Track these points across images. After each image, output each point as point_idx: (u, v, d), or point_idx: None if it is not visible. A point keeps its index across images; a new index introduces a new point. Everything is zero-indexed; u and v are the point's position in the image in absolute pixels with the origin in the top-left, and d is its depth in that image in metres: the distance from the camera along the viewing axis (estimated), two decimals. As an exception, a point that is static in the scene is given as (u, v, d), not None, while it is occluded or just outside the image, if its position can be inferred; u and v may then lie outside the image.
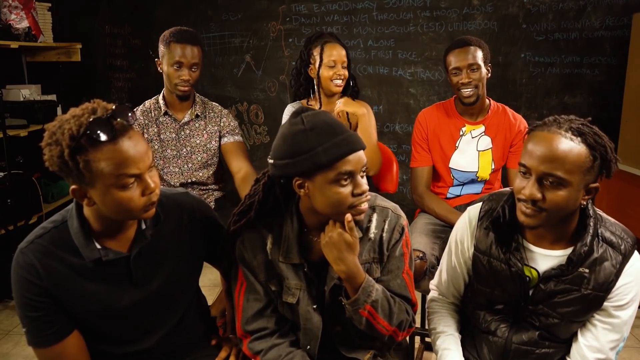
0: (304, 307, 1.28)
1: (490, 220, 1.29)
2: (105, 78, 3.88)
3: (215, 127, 2.21)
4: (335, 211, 1.18)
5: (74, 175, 1.05)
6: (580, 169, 1.11)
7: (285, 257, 1.26)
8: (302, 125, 1.15)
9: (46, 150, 1.05)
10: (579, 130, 1.11)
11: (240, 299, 1.32)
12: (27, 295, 1.13)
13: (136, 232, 1.20)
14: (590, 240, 1.19)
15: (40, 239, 1.15)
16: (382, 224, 1.29)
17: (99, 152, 1.03)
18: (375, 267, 1.30)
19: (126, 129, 1.06)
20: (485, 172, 2.12)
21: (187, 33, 2.11)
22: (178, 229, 1.28)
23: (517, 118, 2.13)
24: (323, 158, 1.12)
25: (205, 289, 1.48)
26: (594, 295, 1.21)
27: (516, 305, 1.30)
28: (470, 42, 2.02)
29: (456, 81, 2.02)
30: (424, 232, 2.02)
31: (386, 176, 2.31)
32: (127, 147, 1.05)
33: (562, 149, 1.10)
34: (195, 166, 2.21)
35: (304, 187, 1.17)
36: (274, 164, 1.19)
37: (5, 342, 2.60)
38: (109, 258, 1.16)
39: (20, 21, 3.15)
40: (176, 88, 2.11)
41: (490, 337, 1.35)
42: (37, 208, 3.12)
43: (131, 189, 1.07)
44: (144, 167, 1.08)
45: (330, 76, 2.12)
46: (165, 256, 1.25)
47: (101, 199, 1.08)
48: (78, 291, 1.16)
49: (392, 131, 3.68)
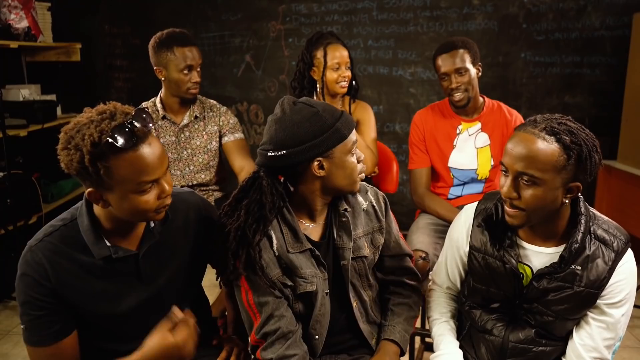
0: (321, 294, 1.31)
1: (483, 218, 1.32)
2: (105, 78, 3.88)
3: (215, 126, 2.19)
4: (351, 181, 1.28)
5: (93, 180, 1.05)
6: (554, 168, 1.13)
7: (293, 247, 1.28)
8: (311, 107, 1.22)
9: (63, 154, 1.04)
10: (552, 129, 1.13)
11: (252, 306, 1.29)
12: (31, 294, 1.13)
13: (145, 230, 1.21)
14: (581, 237, 1.20)
15: (49, 237, 1.15)
16: (367, 197, 1.40)
17: (120, 159, 1.03)
18: (379, 235, 1.39)
19: (146, 135, 1.07)
20: (484, 170, 2.11)
21: (186, 35, 2.09)
22: (185, 226, 1.29)
23: (512, 114, 2.13)
24: (345, 131, 1.23)
25: (205, 289, 1.48)
26: (586, 292, 1.22)
27: (511, 303, 1.32)
28: (456, 45, 2.00)
29: (446, 86, 2.04)
30: (426, 232, 2.02)
31: (386, 176, 2.31)
32: (148, 154, 1.06)
33: (534, 148, 1.13)
34: (197, 168, 2.19)
35: (323, 168, 1.23)
36: (286, 154, 1.20)
37: (5, 342, 2.60)
38: (119, 255, 1.16)
39: (20, 21, 3.15)
40: (188, 92, 2.08)
41: (487, 336, 1.36)
42: (36, 208, 3.12)
43: (148, 192, 1.09)
44: (162, 172, 1.10)
45: (336, 79, 2.14)
46: (172, 253, 1.26)
47: (118, 203, 1.08)
48: (86, 289, 1.16)
49: (392, 131, 3.68)
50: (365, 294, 1.39)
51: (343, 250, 1.33)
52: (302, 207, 1.32)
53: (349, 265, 1.33)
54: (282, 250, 1.28)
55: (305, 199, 1.30)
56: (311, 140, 1.19)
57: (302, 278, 1.28)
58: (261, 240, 1.25)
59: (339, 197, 1.34)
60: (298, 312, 1.32)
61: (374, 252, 1.39)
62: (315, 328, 1.33)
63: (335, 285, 1.34)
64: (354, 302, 1.36)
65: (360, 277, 1.38)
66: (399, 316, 1.43)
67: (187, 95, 2.10)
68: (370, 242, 1.38)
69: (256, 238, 1.23)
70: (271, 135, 1.22)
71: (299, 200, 1.31)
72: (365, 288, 1.40)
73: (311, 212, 1.33)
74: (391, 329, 1.40)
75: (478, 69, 2.05)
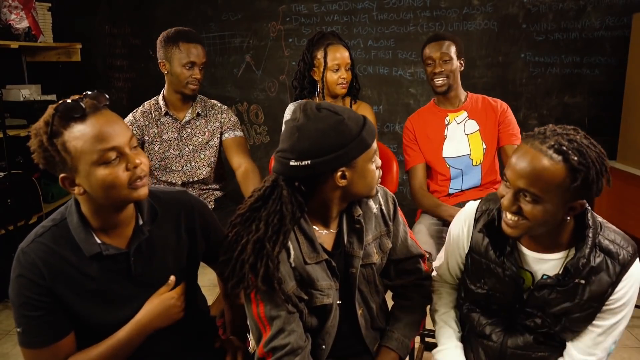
0: (334, 305, 1.28)
1: (485, 224, 1.29)
2: (105, 78, 3.88)
3: (217, 123, 2.22)
4: (370, 188, 1.25)
5: (58, 163, 1.08)
6: (557, 188, 1.08)
7: (310, 257, 1.24)
8: (337, 115, 1.16)
9: (32, 146, 1.09)
10: (560, 148, 1.07)
11: (262, 319, 1.23)
12: (27, 295, 1.12)
13: (134, 228, 1.21)
14: (588, 252, 1.17)
15: (40, 238, 1.15)
16: (377, 199, 1.36)
17: (72, 132, 1.06)
18: (386, 240, 1.37)
19: (97, 108, 1.09)
20: (478, 154, 2.16)
21: (193, 33, 2.14)
22: (176, 225, 1.28)
23: (497, 101, 2.22)
24: (369, 140, 1.19)
25: (205, 289, 1.48)
26: (587, 306, 1.20)
27: (511, 307, 1.30)
28: (445, 37, 2.16)
29: (430, 71, 2.15)
30: (429, 232, 2.04)
31: (386, 176, 2.31)
32: (100, 123, 1.07)
33: (539, 167, 1.08)
34: (199, 164, 2.22)
35: (345, 177, 1.19)
36: (310, 164, 1.14)
37: (5, 342, 2.60)
38: (109, 252, 1.16)
39: (20, 21, 3.15)
40: (187, 87, 2.12)
41: (485, 342, 1.35)
42: (37, 208, 3.12)
43: (113, 164, 1.08)
44: (121, 141, 1.09)
45: (335, 80, 2.15)
46: (163, 252, 1.25)
47: (88, 182, 1.08)
48: (78, 288, 1.16)
49: (392, 131, 3.68)
50: (372, 301, 1.37)
51: (353, 258, 1.30)
52: (317, 214, 1.28)
53: (358, 273, 1.30)
54: (299, 262, 1.23)
55: (321, 207, 1.26)
56: (337, 151, 1.14)
57: (319, 291, 1.25)
58: (280, 252, 1.19)
59: (353, 202, 1.31)
60: (310, 326, 1.28)
61: (382, 257, 1.37)
62: (324, 338, 1.30)
63: (342, 292, 1.31)
64: (359, 310, 1.34)
65: (369, 284, 1.35)
66: (399, 321, 1.40)
67: (187, 91, 2.13)
68: (379, 246, 1.36)
69: (276, 250, 1.18)
70: (293, 144, 1.15)
71: (314, 207, 1.26)
72: (373, 294, 1.37)
73: (326, 219, 1.29)
74: (389, 335, 1.38)
75: (461, 63, 2.17)
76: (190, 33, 2.13)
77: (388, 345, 1.36)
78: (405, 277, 1.44)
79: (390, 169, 2.32)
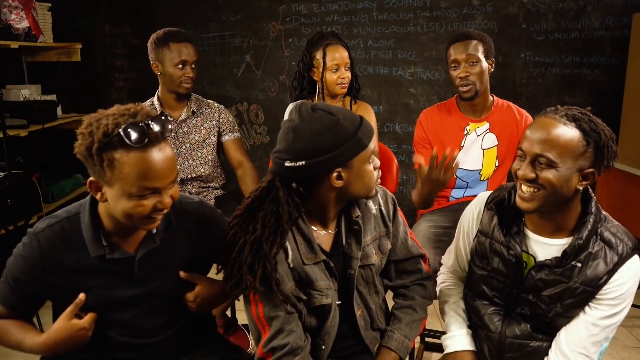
0: (333, 305, 1.28)
1: (495, 202, 1.33)
2: (105, 78, 3.88)
3: (214, 121, 2.25)
4: (368, 189, 1.24)
5: (96, 170, 1.06)
6: (573, 153, 1.15)
7: (308, 258, 1.25)
8: (332, 115, 1.16)
9: (79, 137, 1.05)
10: (574, 116, 1.17)
11: (262, 319, 1.24)
12: (20, 276, 1.18)
13: (146, 234, 1.21)
14: (587, 235, 1.20)
15: (51, 228, 1.17)
16: (377, 199, 1.36)
17: (127, 156, 1.02)
18: (386, 241, 1.37)
19: (159, 139, 1.06)
20: (488, 170, 2.10)
21: (182, 33, 2.17)
22: (188, 237, 1.27)
23: (522, 114, 2.10)
24: (365, 140, 1.18)
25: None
26: (582, 290, 1.22)
27: (509, 293, 1.32)
28: (471, 35, 1.99)
29: (455, 75, 2.00)
30: (427, 235, 2.01)
31: (386, 176, 2.31)
32: (155, 159, 1.05)
33: (555, 132, 1.15)
34: (196, 162, 2.24)
35: (341, 178, 1.19)
36: (305, 165, 1.14)
37: (5, 342, 2.60)
38: (114, 257, 1.17)
39: (20, 21, 3.15)
40: (181, 86, 2.14)
41: (486, 332, 1.37)
42: (37, 208, 3.12)
43: (144, 198, 1.07)
44: (166, 183, 1.08)
45: (335, 80, 2.14)
46: (170, 261, 1.25)
47: (114, 200, 1.08)
48: (77, 284, 1.17)
49: (392, 131, 3.68)
50: (371, 301, 1.36)
51: (351, 259, 1.30)
52: (315, 214, 1.28)
53: (356, 273, 1.31)
54: (297, 262, 1.24)
55: (318, 207, 1.26)
56: (332, 151, 1.14)
57: (318, 291, 1.25)
58: (277, 253, 1.19)
59: (352, 203, 1.31)
60: (309, 326, 1.28)
61: (381, 257, 1.37)
62: (324, 339, 1.30)
63: (341, 293, 1.31)
64: (358, 311, 1.34)
65: (368, 285, 1.35)
66: (400, 321, 1.40)
67: (180, 90, 2.15)
68: (378, 247, 1.36)
69: (273, 251, 1.18)
70: (288, 144, 1.16)
71: (312, 208, 1.26)
72: (372, 295, 1.37)
73: (324, 219, 1.30)
74: (390, 335, 1.38)
75: (490, 64, 2.02)
76: (180, 33, 2.15)
77: (388, 345, 1.36)
78: (405, 278, 1.44)
79: (390, 169, 2.31)
